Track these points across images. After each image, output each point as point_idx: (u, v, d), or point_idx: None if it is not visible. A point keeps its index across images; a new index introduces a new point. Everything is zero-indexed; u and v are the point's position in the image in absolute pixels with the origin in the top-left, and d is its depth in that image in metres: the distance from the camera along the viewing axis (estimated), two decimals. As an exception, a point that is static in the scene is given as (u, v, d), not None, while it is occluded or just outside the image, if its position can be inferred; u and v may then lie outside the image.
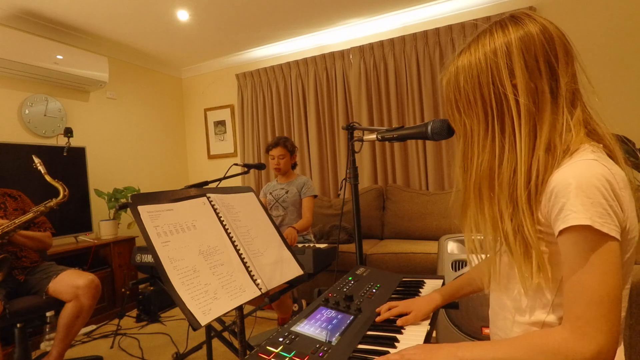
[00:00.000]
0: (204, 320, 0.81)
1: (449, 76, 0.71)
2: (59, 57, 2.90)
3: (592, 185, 0.55)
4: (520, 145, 0.62)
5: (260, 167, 2.11)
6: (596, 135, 0.64)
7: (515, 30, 0.63)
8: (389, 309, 0.88)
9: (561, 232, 0.57)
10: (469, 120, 0.69)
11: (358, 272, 1.16)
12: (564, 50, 0.62)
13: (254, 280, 1.00)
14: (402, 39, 3.15)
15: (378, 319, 0.86)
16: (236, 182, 3.81)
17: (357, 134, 1.51)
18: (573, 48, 0.64)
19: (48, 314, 2.39)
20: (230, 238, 1.05)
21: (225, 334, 1.79)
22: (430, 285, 1.10)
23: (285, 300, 2.32)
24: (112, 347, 2.37)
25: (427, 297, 0.91)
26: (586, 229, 0.55)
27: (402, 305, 0.88)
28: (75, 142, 3.02)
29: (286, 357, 0.67)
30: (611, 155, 0.62)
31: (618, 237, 0.55)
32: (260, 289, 0.99)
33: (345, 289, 1.01)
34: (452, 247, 1.92)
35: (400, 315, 0.87)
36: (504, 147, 0.65)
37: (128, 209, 0.93)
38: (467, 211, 0.71)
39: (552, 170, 0.60)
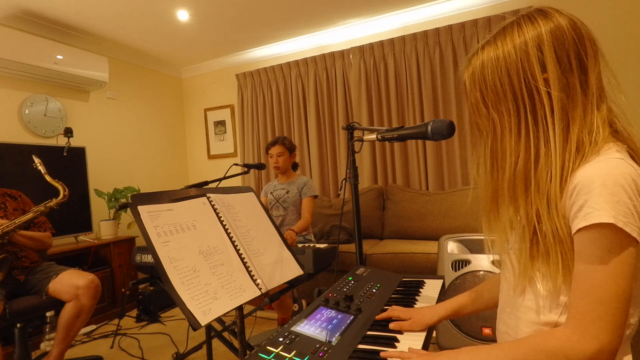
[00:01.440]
0: (204, 320, 0.81)
1: (473, 70, 0.68)
2: (59, 57, 2.90)
3: (618, 183, 0.54)
4: (554, 141, 0.61)
5: (260, 167, 2.11)
6: (620, 135, 0.63)
7: (545, 23, 0.62)
8: (392, 310, 0.87)
9: (580, 229, 0.56)
10: (499, 114, 0.66)
11: (358, 272, 1.16)
12: (592, 46, 0.62)
13: (254, 280, 1.00)
14: (402, 39, 3.15)
15: (378, 316, 0.86)
16: (236, 182, 3.81)
17: (357, 134, 1.51)
18: (599, 44, 0.63)
19: (48, 314, 2.39)
20: (230, 238, 1.05)
21: (225, 334, 1.79)
22: (431, 285, 1.10)
23: (285, 300, 2.31)
24: (112, 347, 2.37)
25: (432, 310, 0.88)
26: (608, 227, 0.53)
27: (403, 311, 0.86)
28: (75, 142, 3.02)
29: (286, 357, 0.67)
30: (634, 156, 0.61)
31: (639, 238, 0.54)
32: (260, 289, 0.99)
33: (345, 289, 1.01)
34: (452, 247, 1.92)
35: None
36: (539, 142, 0.62)
37: (128, 209, 0.93)
38: (499, 211, 0.69)
39: (577, 168, 0.59)
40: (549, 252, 0.62)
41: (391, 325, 0.82)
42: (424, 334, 0.81)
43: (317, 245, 2.06)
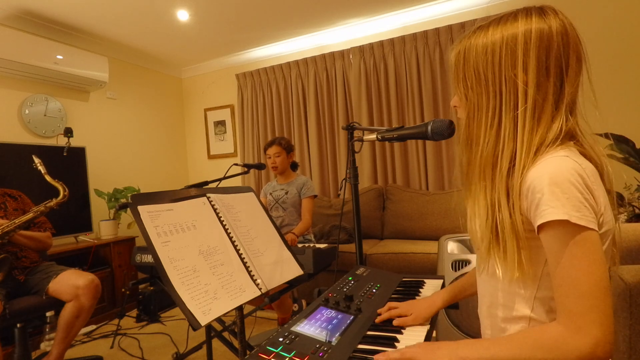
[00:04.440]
0: (204, 320, 0.81)
1: (461, 49, 0.70)
2: (59, 57, 2.90)
3: (566, 179, 0.56)
4: (522, 136, 0.63)
5: (260, 167, 2.11)
6: (580, 146, 0.64)
7: (537, 21, 0.63)
8: (389, 310, 0.88)
9: (540, 227, 0.58)
10: (475, 96, 0.69)
11: (358, 272, 1.16)
12: (576, 58, 0.63)
13: (254, 280, 1.00)
14: (402, 39, 3.15)
15: (378, 319, 0.86)
16: (236, 182, 3.81)
17: (357, 134, 1.51)
18: (585, 56, 0.64)
19: (48, 314, 2.39)
20: (230, 238, 1.05)
21: (225, 334, 1.79)
22: (431, 285, 1.10)
23: (285, 300, 2.31)
24: (112, 347, 2.37)
25: (429, 301, 0.90)
26: (564, 224, 0.55)
27: (402, 307, 0.88)
28: (75, 142, 3.02)
29: (286, 357, 0.67)
30: (584, 153, 0.63)
31: (596, 228, 0.56)
32: (260, 289, 0.99)
33: (345, 289, 1.01)
34: (452, 247, 1.92)
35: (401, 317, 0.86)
36: (507, 131, 0.65)
37: (128, 209, 0.93)
38: (470, 186, 0.71)
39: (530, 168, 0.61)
40: (506, 243, 0.63)
41: (395, 322, 0.84)
42: (424, 334, 0.81)
43: (317, 245, 2.06)
